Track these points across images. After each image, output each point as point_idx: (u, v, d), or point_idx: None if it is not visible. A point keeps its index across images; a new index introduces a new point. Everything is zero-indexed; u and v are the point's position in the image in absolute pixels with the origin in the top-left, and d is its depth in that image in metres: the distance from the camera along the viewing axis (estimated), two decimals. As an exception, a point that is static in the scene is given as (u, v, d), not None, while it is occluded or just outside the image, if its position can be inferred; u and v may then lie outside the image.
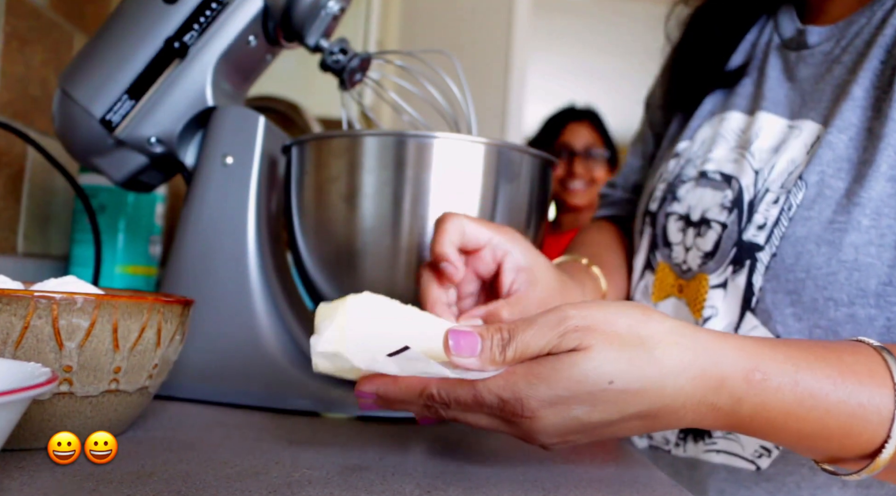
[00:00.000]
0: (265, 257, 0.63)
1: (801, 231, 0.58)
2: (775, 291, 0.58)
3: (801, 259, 0.57)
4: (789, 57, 0.68)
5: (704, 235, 0.65)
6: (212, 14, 0.65)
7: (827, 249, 0.56)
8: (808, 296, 0.57)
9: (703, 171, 0.67)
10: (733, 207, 0.63)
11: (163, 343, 0.45)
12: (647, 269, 0.71)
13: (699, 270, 0.65)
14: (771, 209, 0.60)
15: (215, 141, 0.65)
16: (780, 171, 0.61)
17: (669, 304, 0.68)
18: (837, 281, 0.56)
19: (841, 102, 0.60)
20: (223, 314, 0.62)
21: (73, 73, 0.68)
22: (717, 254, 0.63)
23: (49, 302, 0.39)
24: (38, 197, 0.98)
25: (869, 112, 0.58)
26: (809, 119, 0.62)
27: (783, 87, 0.67)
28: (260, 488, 0.37)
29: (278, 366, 0.60)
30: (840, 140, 0.59)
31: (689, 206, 0.67)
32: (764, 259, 0.59)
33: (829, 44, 0.65)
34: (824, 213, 0.57)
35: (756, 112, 0.67)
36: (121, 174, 0.70)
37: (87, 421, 0.42)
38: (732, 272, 0.61)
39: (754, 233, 0.60)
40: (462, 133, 0.67)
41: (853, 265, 0.55)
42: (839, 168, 0.58)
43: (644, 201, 0.74)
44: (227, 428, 0.51)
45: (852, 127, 0.59)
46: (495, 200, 0.61)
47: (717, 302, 0.63)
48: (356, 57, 0.70)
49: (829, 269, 0.56)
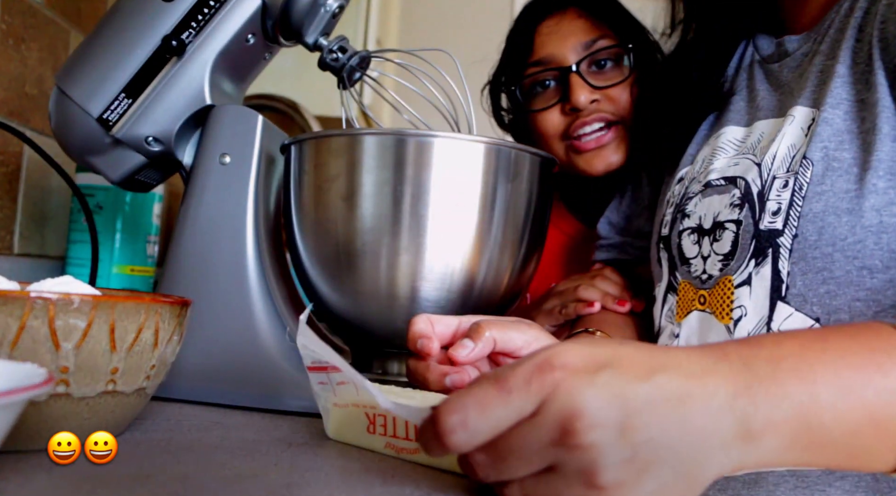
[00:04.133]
0: (264, 257, 0.63)
1: (817, 206, 0.57)
2: (804, 272, 0.57)
3: (825, 233, 0.56)
4: (773, 69, 0.70)
5: (721, 238, 0.64)
6: (209, 12, 0.65)
7: (848, 218, 0.55)
8: (840, 270, 0.56)
9: (707, 182, 0.67)
10: (743, 203, 0.62)
11: (160, 344, 0.44)
12: (669, 292, 0.71)
13: (721, 275, 0.63)
14: (782, 193, 0.59)
15: (213, 140, 0.65)
16: (782, 157, 0.61)
17: (692, 319, 0.66)
18: (867, 248, 0.55)
19: (828, 82, 0.61)
20: (221, 314, 0.61)
21: (70, 71, 0.67)
22: (736, 251, 0.62)
23: (45, 302, 0.39)
24: (35, 196, 0.98)
25: (858, 86, 0.59)
26: (799, 105, 0.63)
27: (773, 95, 0.69)
28: (258, 490, 0.37)
29: (277, 366, 0.60)
30: (836, 115, 0.59)
31: (700, 217, 0.67)
32: (786, 243, 0.58)
33: (808, 45, 0.67)
34: (837, 184, 0.57)
35: (753, 123, 0.68)
36: (118, 173, 0.70)
37: (85, 422, 0.42)
38: (756, 265, 0.60)
39: (770, 219, 0.60)
40: (462, 132, 0.67)
41: (879, 228, 0.55)
42: (841, 141, 0.58)
43: (656, 230, 0.75)
44: (226, 429, 0.51)
45: (845, 102, 0.59)
46: (495, 200, 0.61)
47: (744, 300, 0.61)
48: (355, 55, 0.70)
49: (856, 238, 0.55)
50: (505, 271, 0.63)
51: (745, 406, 0.35)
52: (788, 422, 0.36)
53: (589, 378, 0.33)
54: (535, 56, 0.94)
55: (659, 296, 0.73)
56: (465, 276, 0.61)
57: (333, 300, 0.63)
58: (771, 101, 0.68)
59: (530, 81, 0.95)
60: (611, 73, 0.93)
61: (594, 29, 0.93)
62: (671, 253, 0.71)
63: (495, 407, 0.33)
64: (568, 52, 0.92)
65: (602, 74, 0.92)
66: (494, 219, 0.61)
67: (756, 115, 0.68)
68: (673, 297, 0.70)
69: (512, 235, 0.63)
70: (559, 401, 0.33)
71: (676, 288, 0.70)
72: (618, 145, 0.92)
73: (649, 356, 0.35)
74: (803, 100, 0.63)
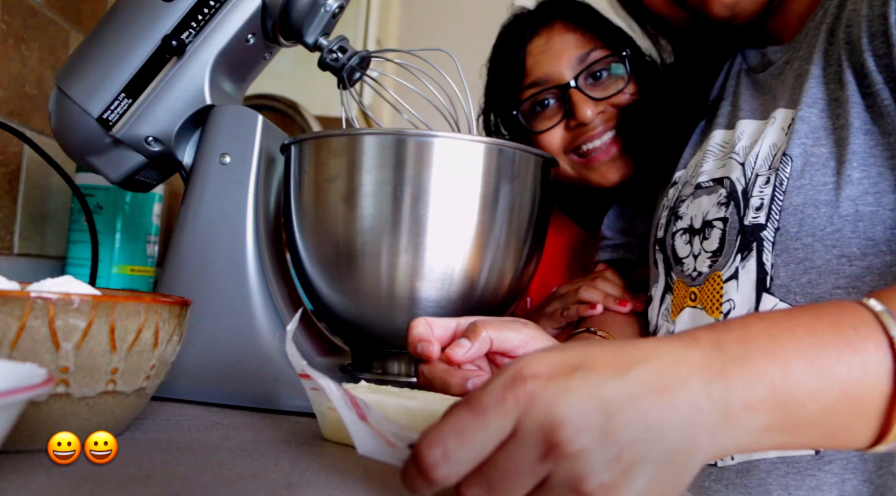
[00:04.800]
0: (263, 257, 0.63)
1: (797, 199, 0.60)
2: (787, 264, 0.60)
3: (805, 224, 0.59)
4: (758, 77, 0.74)
5: (710, 236, 0.67)
6: (209, 12, 0.65)
7: (826, 209, 0.58)
8: (820, 260, 0.58)
9: (697, 184, 0.71)
10: (729, 201, 0.65)
11: (160, 344, 0.44)
12: (666, 292, 0.73)
13: (710, 271, 0.66)
14: (765, 189, 0.62)
15: (213, 140, 0.65)
16: (764, 156, 0.64)
17: (685, 316, 0.69)
18: (844, 236, 0.57)
19: (804, 83, 0.64)
20: (221, 314, 0.61)
21: (70, 71, 0.67)
22: (724, 248, 0.65)
23: (46, 302, 0.39)
24: (35, 196, 0.97)
25: (831, 85, 0.62)
26: (780, 108, 0.66)
27: (756, 98, 0.72)
28: (258, 490, 0.37)
29: (277, 366, 0.60)
30: (811, 113, 0.62)
31: (691, 218, 0.70)
32: (769, 236, 0.61)
33: (788, 53, 0.70)
34: (815, 178, 0.59)
35: (735, 123, 0.71)
36: (118, 173, 0.70)
37: (85, 422, 0.42)
38: (742, 259, 0.63)
39: (754, 215, 0.62)
40: (462, 132, 0.67)
41: (856, 216, 0.57)
42: (818, 137, 0.61)
43: (652, 233, 0.78)
44: (226, 429, 0.51)
45: (819, 100, 0.62)
46: (495, 200, 0.61)
47: (732, 294, 0.64)
48: (355, 55, 0.70)
49: (834, 227, 0.58)
50: (506, 271, 0.63)
51: (722, 389, 0.35)
52: (764, 401, 0.36)
53: (563, 383, 0.32)
54: (531, 78, 0.93)
55: (656, 296, 0.75)
56: (465, 276, 0.61)
57: (333, 300, 0.63)
58: (753, 103, 0.72)
59: (529, 104, 0.93)
60: (608, 82, 0.92)
61: (586, 41, 0.92)
62: (666, 254, 0.73)
63: (473, 432, 0.32)
64: (564, 68, 0.91)
65: (600, 85, 0.91)
66: (495, 219, 0.61)
67: (739, 115, 0.72)
68: (669, 297, 0.72)
69: (512, 235, 0.63)
70: (537, 414, 0.32)
71: (672, 287, 0.72)
72: (628, 154, 0.91)
73: (620, 352, 0.35)
74: (783, 102, 0.66)
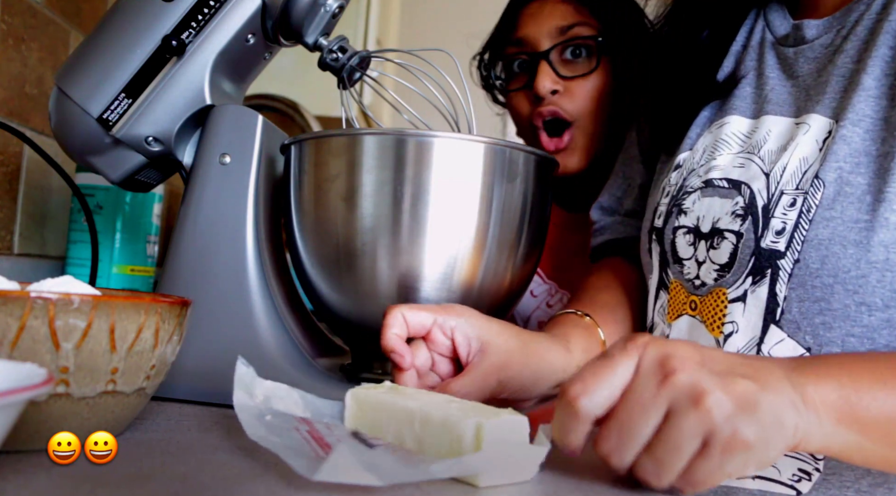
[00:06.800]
0: (263, 257, 0.63)
1: (824, 233, 0.54)
2: (802, 300, 0.55)
3: (828, 263, 0.54)
4: (787, 54, 0.65)
5: (719, 247, 0.61)
6: (209, 12, 0.65)
7: (854, 251, 0.53)
8: (838, 303, 0.54)
9: (708, 180, 0.63)
10: (746, 214, 0.59)
11: (160, 344, 0.44)
12: (661, 289, 0.68)
13: (716, 285, 0.61)
14: (789, 212, 0.56)
15: (213, 140, 0.65)
16: (792, 170, 0.58)
17: (683, 323, 0.64)
18: (869, 284, 0.53)
19: (851, 94, 0.57)
20: (221, 314, 0.61)
21: (70, 71, 0.67)
22: (734, 265, 0.59)
23: (45, 302, 0.39)
24: (35, 196, 0.97)
25: (883, 101, 0.55)
26: (816, 113, 0.59)
27: (785, 86, 0.64)
28: (259, 490, 0.37)
29: (277, 366, 0.60)
30: (855, 133, 0.55)
31: (698, 218, 0.63)
32: (787, 266, 0.56)
33: (829, 35, 0.62)
34: (847, 212, 0.54)
35: (761, 116, 0.63)
36: (118, 173, 0.70)
37: (84, 422, 0.42)
38: (752, 283, 0.58)
39: (773, 239, 0.57)
40: (462, 132, 0.66)
41: (885, 265, 0.52)
42: (857, 163, 0.54)
43: (649, 218, 0.70)
44: (226, 429, 0.51)
45: (867, 119, 0.55)
46: (495, 200, 0.61)
47: (737, 317, 0.59)
48: (355, 55, 0.70)
49: (859, 272, 0.53)
50: (505, 270, 0.63)
51: (798, 378, 0.41)
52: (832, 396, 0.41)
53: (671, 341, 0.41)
54: (515, 35, 0.94)
55: (651, 289, 0.70)
56: (464, 276, 0.61)
57: (333, 300, 0.63)
58: (782, 93, 0.63)
59: (506, 61, 0.97)
60: (582, 64, 0.91)
61: (574, 14, 0.91)
62: (663, 247, 0.67)
63: (605, 370, 0.41)
64: (543, 36, 0.92)
65: (573, 64, 0.91)
66: (494, 218, 0.61)
67: (765, 107, 0.63)
68: (665, 295, 0.67)
69: (512, 235, 0.63)
70: (652, 352, 0.40)
71: (668, 286, 0.67)
72: (573, 150, 0.92)
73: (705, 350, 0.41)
74: (821, 107, 0.59)
